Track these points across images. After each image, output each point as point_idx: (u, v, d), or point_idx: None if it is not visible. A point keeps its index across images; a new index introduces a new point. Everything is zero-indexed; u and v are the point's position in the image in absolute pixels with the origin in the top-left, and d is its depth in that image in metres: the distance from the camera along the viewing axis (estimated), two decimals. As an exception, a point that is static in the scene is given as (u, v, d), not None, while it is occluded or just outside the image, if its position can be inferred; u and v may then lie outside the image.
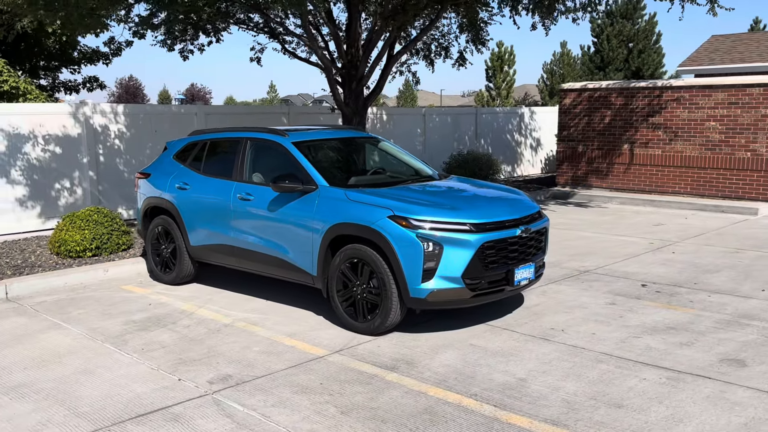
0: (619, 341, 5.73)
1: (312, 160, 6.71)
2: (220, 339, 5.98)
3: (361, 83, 12.58)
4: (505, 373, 5.09)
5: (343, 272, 6.05)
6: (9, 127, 10.58)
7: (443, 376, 5.05)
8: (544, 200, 14.84)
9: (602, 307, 6.74)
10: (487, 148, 18.82)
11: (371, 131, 15.72)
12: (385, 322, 5.82)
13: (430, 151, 16.84)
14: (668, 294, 7.16)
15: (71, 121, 11.25)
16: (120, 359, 5.53)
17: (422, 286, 5.63)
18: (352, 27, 12.41)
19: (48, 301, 7.34)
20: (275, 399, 4.70)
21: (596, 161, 14.95)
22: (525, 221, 6.12)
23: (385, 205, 5.84)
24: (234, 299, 7.26)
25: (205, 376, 5.14)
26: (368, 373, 5.13)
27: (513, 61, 37.09)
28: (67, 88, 16.01)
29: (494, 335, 5.94)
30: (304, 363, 5.37)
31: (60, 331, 6.28)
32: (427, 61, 15.32)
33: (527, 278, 6.11)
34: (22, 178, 10.77)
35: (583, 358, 5.36)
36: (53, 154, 11.06)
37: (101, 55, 15.62)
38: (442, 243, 5.62)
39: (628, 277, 7.91)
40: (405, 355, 5.49)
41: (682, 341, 5.71)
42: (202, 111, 12.92)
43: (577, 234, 10.67)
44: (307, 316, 6.58)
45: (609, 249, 9.47)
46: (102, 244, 8.90)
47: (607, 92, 14.63)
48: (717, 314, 6.44)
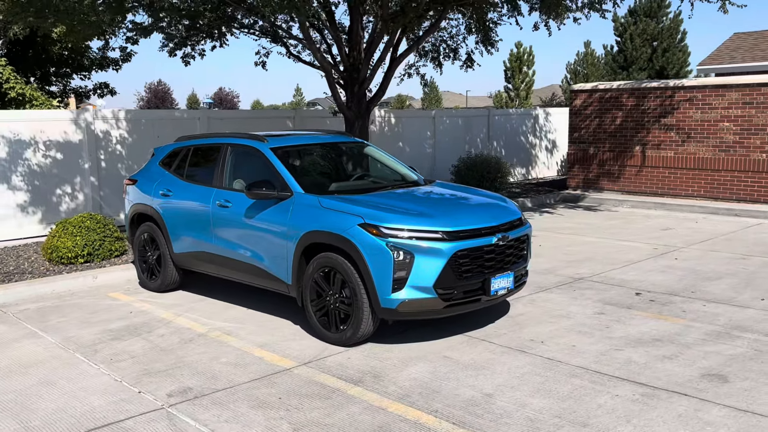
0: (599, 354, 5.50)
1: (290, 166, 6.59)
2: (191, 349, 5.88)
3: (363, 86, 12.45)
4: (472, 387, 4.90)
5: (316, 281, 5.91)
6: (10, 134, 10.64)
7: (408, 390, 4.88)
8: (554, 204, 14.55)
9: (589, 317, 6.50)
10: (500, 151, 18.54)
11: (379, 134, 15.58)
12: (357, 333, 5.66)
13: (440, 155, 16.65)
14: (661, 303, 6.88)
15: (72, 127, 11.28)
16: (86, 370, 5.46)
17: (393, 296, 5.46)
18: (353, 30, 12.29)
19: (32, 308, 7.32)
20: (230, 414, 4.57)
21: (607, 163, 14.61)
22: (503, 229, 5.91)
23: (357, 213, 5.69)
24: (215, 307, 7.16)
25: (166, 388, 5.04)
26: (331, 387, 4.97)
27: (532, 62, 36.63)
28: (78, 94, 16.17)
29: (470, 347, 5.74)
30: (268, 376, 5.24)
31: (34, 340, 6.24)
32: (434, 63, 15.13)
33: (506, 287, 5.90)
34: (23, 184, 10.83)
35: (558, 372, 5.14)
36: (54, 160, 11.10)
37: (111, 62, 15.74)
38: (413, 252, 5.45)
39: (624, 284, 7.64)
40: (374, 368, 5.32)
41: (666, 354, 5.46)
42: (205, 115, 12.89)
43: (580, 239, 10.39)
44: (284, 326, 6.45)
45: (610, 255, 9.19)
46: (94, 250, 8.89)
47: (618, 93, 14.29)
48: (708, 325, 6.16)
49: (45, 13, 8.49)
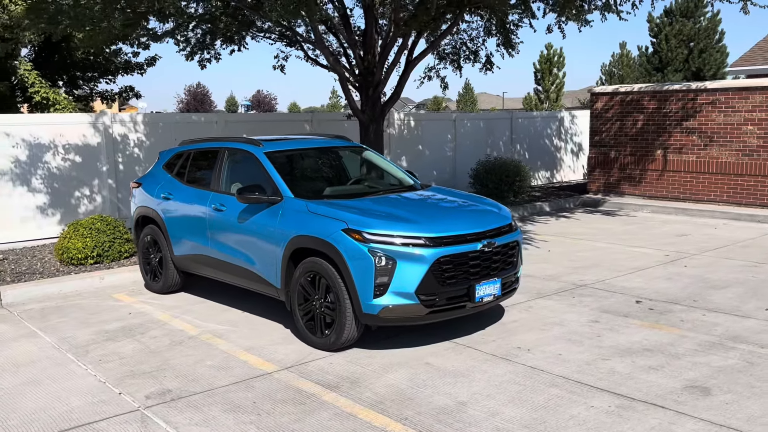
0: (583, 363, 5.40)
1: (283, 170, 6.63)
2: (179, 351, 5.95)
3: (378, 89, 12.45)
4: (447, 395, 4.86)
5: (302, 286, 5.93)
6: (30, 137, 10.93)
7: (382, 397, 4.86)
8: (572, 208, 14.35)
9: (582, 325, 6.39)
10: (523, 154, 18.36)
11: (398, 137, 15.56)
12: (340, 338, 5.66)
13: (461, 158, 16.54)
14: (660, 312, 6.73)
15: (91, 131, 11.54)
16: (74, 370, 5.57)
17: (375, 302, 5.45)
18: (367, 33, 12.31)
19: (36, 308, 7.51)
20: (202, 417, 4.62)
21: (628, 167, 14.35)
22: (490, 235, 5.85)
23: (341, 218, 5.69)
24: (213, 310, 7.24)
25: (147, 390, 5.11)
26: (307, 392, 4.98)
27: (562, 64, 36.16)
28: (104, 97, 16.53)
29: (455, 353, 5.70)
30: (249, 379, 5.27)
31: (32, 340, 6.39)
32: (454, 66, 15.06)
33: (492, 294, 5.83)
34: (43, 187, 11.10)
35: (537, 381, 5.06)
36: (73, 162, 11.36)
37: (136, 66, 16.06)
38: (395, 257, 5.43)
39: (626, 292, 7.49)
40: (353, 373, 5.32)
41: (652, 365, 5.33)
42: (222, 119, 13.05)
43: (591, 245, 10.22)
44: (275, 330, 6.49)
45: (618, 261, 9.02)
46: (103, 251, 9.07)
47: (639, 96, 14.02)
48: (704, 335, 6.00)
49: (58, 19, 8.69)
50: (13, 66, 13.18)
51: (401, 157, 15.69)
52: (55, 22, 8.70)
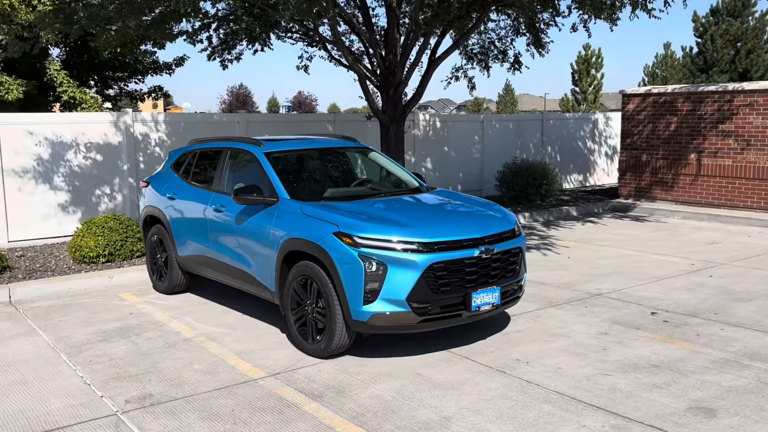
0: (583, 378, 5.11)
1: (282, 171, 6.49)
2: (170, 354, 5.85)
3: (399, 89, 12.25)
4: (433, 409, 4.63)
5: (295, 290, 5.77)
6: (53, 136, 11.04)
7: (364, 409, 4.66)
8: (601, 213, 13.91)
9: (590, 336, 6.08)
10: (554, 157, 17.94)
11: (423, 139, 15.33)
12: (330, 345, 5.48)
13: (488, 160, 16.19)
14: (675, 325, 6.37)
15: (112, 130, 11.60)
16: (62, 371, 5.51)
17: (364, 309, 5.26)
18: (389, 32, 12.12)
19: (42, 306, 7.52)
20: (176, 424, 4.48)
21: (661, 172, 13.84)
22: (489, 241, 5.59)
23: (333, 221, 5.51)
24: (213, 312, 7.14)
25: (129, 393, 5.01)
26: (288, 401, 4.81)
27: (601, 65, 35.31)
28: (133, 97, 16.70)
29: (449, 364, 5.46)
30: (233, 385, 5.13)
31: (30, 338, 6.37)
32: (481, 66, 14.77)
33: (490, 303, 5.57)
34: (64, 185, 11.20)
35: (530, 397, 4.80)
36: (94, 161, 11.44)
37: (165, 66, 16.19)
38: (386, 263, 5.22)
39: (642, 302, 7.14)
40: (340, 383, 5.13)
41: (657, 382, 5.01)
42: (245, 119, 13.02)
43: (614, 252, 9.84)
44: (271, 334, 6.34)
45: (639, 269, 8.64)
46: (115, 250, 9.08)
47: (672, 97, 13.51)
48: (719, 351, 5.64)
49: (73, 19, 8.72)
50: (43, 66, 13.38)
51: (426, 158, 15.45)
52: (71, 22, 8.73)
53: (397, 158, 12.56)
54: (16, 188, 10.75)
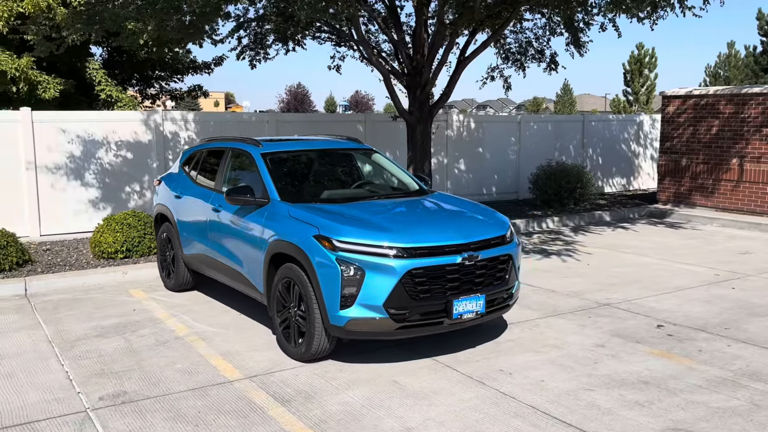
0: (563, 393, 4.91)
1: (277, 172, 6.46)
2: (157, 352, 5.90)
3: (426, 89, 12.11)
4: (398, 419, 4.52)
5: (280, 292, 5.74)
6: (84, 134, 11.35)
7: (329, 416, 4.59)
8: (636, 219, 13.44)
9: (584, 349, 5.84)
10: (596, 159, 17.46)
11: (456, 140, 15.13)
12: (310, 349, 5.43)
13: (525, 162, 15.82)
14: (679, 339, 6.07)
15: (142, 128, 11.85)
16: (50, 366, 5.62)
17: (341, 314, 5.18)
18: (417, 32, 11.99)
19: (53, 300, 7.71)
20: (140, 424, 4.51)
21: (701, 177, 13.28)
22: (474, 247, 5.43)
23: (315, 224, 5.46)
24: (214, 311, 7.18)
25: (105, 390, 5.07)
26: (256, 405, 4.78)
27: (654, 64, 34.14)
28: (173, 96, 17.05)
29: (429, 372, 5.33)
30: (208, 386, 5.13)
31: (31, 332, 6.53)
32: (516, 65, 14.48)
33: (473, 311, 5.41)
34: (95, 181, 11.50)
35: (502, 410, 4.63)
36: (124, 159, 11.71)
37: (204, 66, 16.48)
38: (364, 267, 5.13)
39: (650, 314, 6.83)
40: (313, 388, 5.07)
41: (641, 400, 4.77)
42: (273, 119, 13.11)
43: (637, 260, 9.47)
44: (261, 335, 6.33)
45: (658, 279, 8.29)
46: (133, 246, 9.26)
47: (715, 99, 12.94)
48: (717, 369, 5.33)
49: (95, 20, 8.93)
50: (84, 65, 13.79)
51: (459, 160, 15.26)
52: (93, 22, 8.93)
53: (423, 160, 12.44)
54: (49, 184, 11.09)
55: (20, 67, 11.75)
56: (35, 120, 10.90)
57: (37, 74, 12.24)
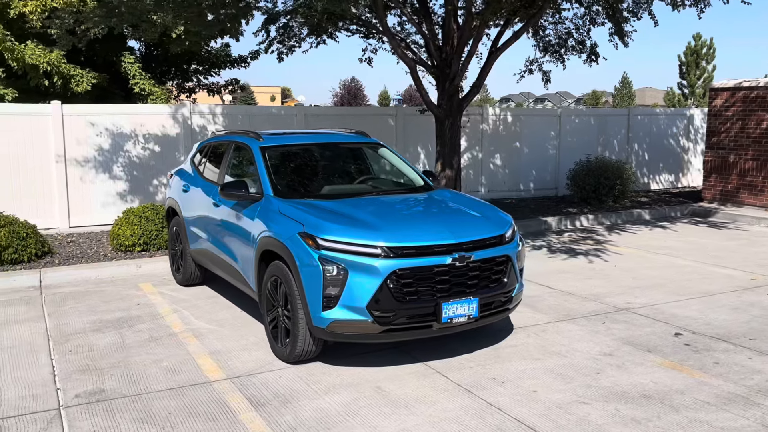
0: (554, 405, 4.57)
1: (274, 166, 6.29)
2: (148, 349, 5.80)
3: (455, 82, 11.76)
4: (371, 428, 4.28)
5: (269, 290, 5.56)
6: (113, 127, 11.45)
7: (300, 423, 4.38)
8: (677, 218, 12.79)
9: (589, 357, 5.47)
10: (642, 155, 16.75)
11: (492, 134, 14.71)
12: (294, 350, 5.23)
13: (565, 157, 15.23)
14: (695, 349, 5.63)
15: (170, 122, 11.89)
16: (40, 360, 5.58)
17: (324, 315, 4.96)
18: (447, 23, 11.66)
19: (64, 292, 7.74)
20: (107, 424, 4.39)
21: (750, 174, 12.53)
22: (466, 248, 5.12)
23: (302, 221, 5.25)
24: (216, 306, 7.07)
25: (84, 387, 4.99)
26: (229, 408, 4.61)
27: (712, 56, 32.54)
28: (210, 90, 17.10)
29: (417, 379, 5.06)
30: (186, 386, 4.99)
31: (33, 324, 6.54)
32: (554, 57, 13.96)
33: (465, 315, 5.10)
34: (123, 174, 11.59)
35: (483, 422, 4.33)
36: (152, 152, 11.77)
37: (241, 60, 16.47)
38: (347, 267, 4.90)
39: (670, 321, 6.38)
40: (293, 391, 4.87)
41: (638, 417, 4.39)
42: (302, 112, 12.97)
43: (669, 261, 8.95)
44: (255, 333, 6.17)
45: (687, 283, 7.79)
46: (150, 240, 9.25)
47: (765, 92, 12.17)
48: (731, 385, 4.89)
49: (114, 13, 8.93)
50: (119, 59, 13.94)
51: (494, 155, 14.83)
52: (111, 15, 8.93)
53: (452, 155, 12.10)
54: (78, 177, 11.23)
55: (51, 61, 11.91)
56: (65, 113, 11.04)
57: (70, 68, 12.41)
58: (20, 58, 11.69)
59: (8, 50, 11.49)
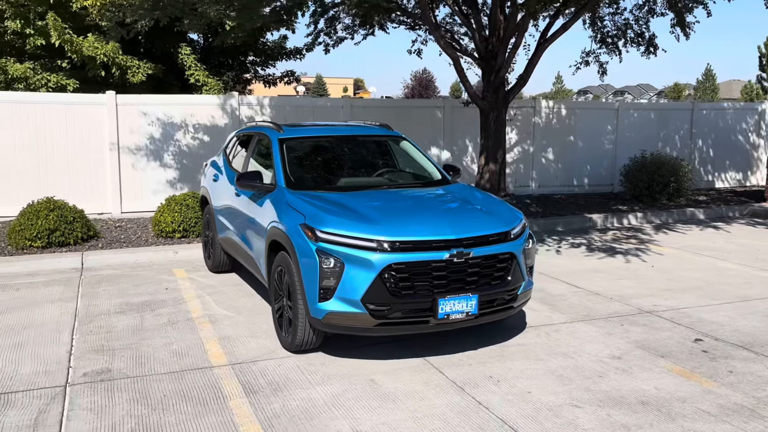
0: (545, 408, 4.47)
1: (291, 158, 6.37)
2: (162, 332, 6.00)
3: (500, 74, 11.57)
4: (354, 421, 4.30)
5: (276, 279, 5.66)
6: (164, 116, 11.84)
7: (286, 411, 4.44)
8: (734, 218, 12.20)
9: (596, 360, 5.31)
10: (706, 151, 16.05)
11: (545, 127, 14.40)
12: (295, 340, 5.30)
13: (622, 152, 14.69)
14: (712, 357, 5.38)
15: (219, 112, 12.20)
16: (61, 339, 5.86)
17: (320, 306, 5.01)
18: (493, 14, 11.47)
19: (101, 275, 8.09)
20: (103, 403, 4.57)
21: (816, 173, 11.80)
22: (467, 243, 5.05)
23: (304, 212, 5.30)
24: (239, 293, 7.23)
25: (94, 366, 5.21)
26: (222, 394, 4.72)
27: (796, 47, 30.62)
28: (266, 81, 17.43)
29: (412, 373, 5.04)
30: (188, 370, 5.14)
31: (64, 304, 6.86)
32: (609, 48, 13.53)
33: (463, 312, 5.04)
34: (173, 162, 11.99)
35: (467, 420, 4.28)
36: (201, 141, 12.11)
37: (295, 51, 16.71)
38: (343, 260, 4.93)
39: (694, 326, 6.12)
40: (287, 380, 4.94)
41: (629, 423, 4.24)
42: (348, 104, 13.04)
43: (712, 263, 8.56)
44: (270, 321, 6.23)
45: (725, 287, 7.44)
46: (189, 227, 9.54)
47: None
48: (739, 395, 4.66)
49: (158, 5, 9.22)
50: (176, 51, 14.40)
51: (547, 149, 14.51)
52: (156, 7, 9.22)
53: (497, 148, 11.93)
54: (130, 164, 11.69)
55: (107, 53, 12.40)
56: (119, 103, 11.49)
57: (126, 59, 12.90)
58: (78, 50, 12.23)
59: (67, 42, 12.04)
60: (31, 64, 13.22)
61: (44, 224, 8.85)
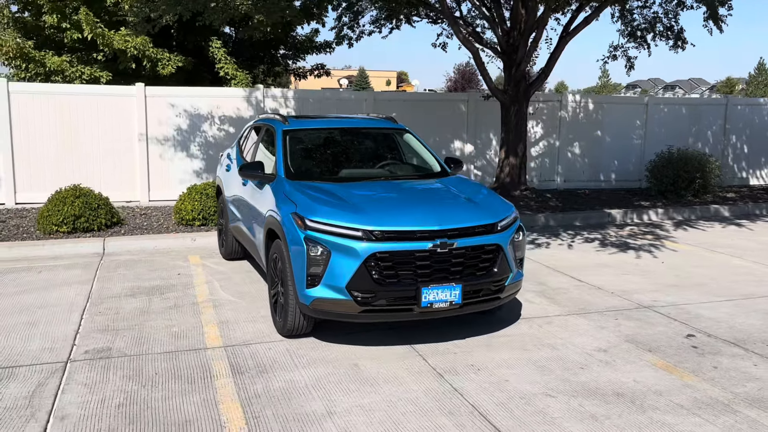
0: (517, 396, 4.56)
1: (293, 149, 6.55)
2: (166, 315, 6.26)
3: (521, 67, 11.58)
4: (328, 402, 4.46)
5: (272, 266, 5.85)
6: (191, 108, 12.18)
7: (266, 392, 4.62)
8: (762, 216, 11.94)
9: (581, 352, 5.36)
10: (740, 148, 15.72)
11: (571, 121, 14.30)
12: (286, 325, 5.49)
13: (651, 148, 14.47)
14: (700, 352, 5.38)
15: (244, 104, 12.48)
16: (72, 318, 6.16)
17: (308, 292, 5.18)
18: (515, 7, 11.47)
19: (120, 260, 8.42)
20: (98, 378, 4.82)
21: None
22: (451, 234, 5.15)
23: (297, 202, 5.48)
24: (247, 280, 7.45)
25: (96, 345, 5.48)
26: (211, 373, 4.94)
27: None
28: (296, 74, 17.67)
29: (396, 360, 5.18)
30: (183, 351, 5.38)
31: (80, 287, 7.19)
32: (637, 42, 13.39)
33: (447, 301, 5.15)
34: (199, 153, 12.32)
35: (438, 405, 4.40)
36: (227, 133, 12.40)
37: (325, 45, 16.90)
38: (330, 248, 5.08)
39: (690, 322, 6.10)
40: (274, 362, 5.13)
41: (598, 413, 4.31)
42: (372, 97, 13.18)
43: (725, 261, 8.46)
44: (268, 307, 6.48)
45: (733, 284, 7.36)
46: (208, 215, 9.83)
47: None
48: (717, 390, 4.67)
49: (180, 1, 9.50)
50: (207, 44, 14.73)
51: (573, 143, 14.41)
52: (177, 3, 9.50)
53: (517, 142, 11.96)
54: (158, 155, 12.06)
55: (137, 46, 12.79)
56: (148, 95, 11.86)
57: (156, 51, 13.27)
58: (109, 43, 12.65)
59: (99, 36, 12.46)
60: (68, 57, 13.70)
61: (70, 210, 9.23)
